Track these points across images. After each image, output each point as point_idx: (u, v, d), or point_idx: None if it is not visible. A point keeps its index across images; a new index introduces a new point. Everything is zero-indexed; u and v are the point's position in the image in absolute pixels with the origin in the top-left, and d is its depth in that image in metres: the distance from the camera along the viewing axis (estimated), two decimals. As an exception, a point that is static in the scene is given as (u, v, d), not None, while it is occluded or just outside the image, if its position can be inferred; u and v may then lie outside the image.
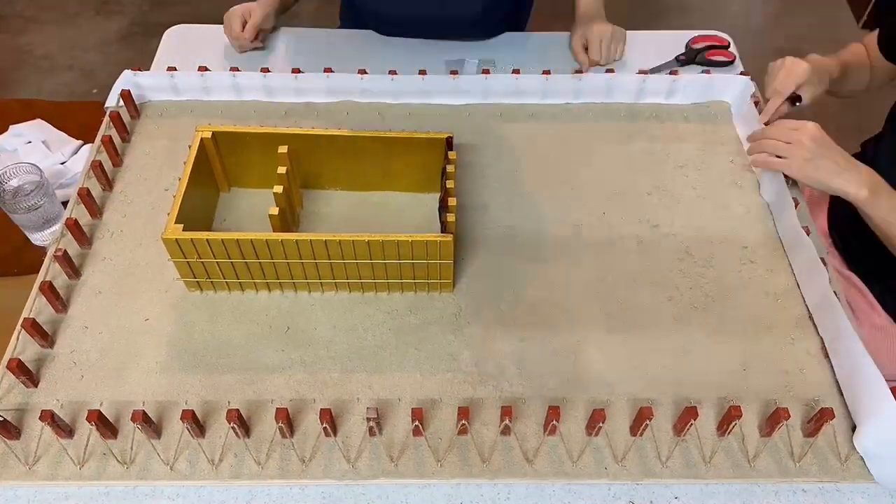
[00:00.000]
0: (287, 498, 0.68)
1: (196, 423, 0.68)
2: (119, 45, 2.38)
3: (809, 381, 0.76)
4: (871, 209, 0.84)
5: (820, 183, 0.86)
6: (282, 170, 0.81)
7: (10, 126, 1.14)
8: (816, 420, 0.70)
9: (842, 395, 0.74)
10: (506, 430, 0.70)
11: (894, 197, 0.84)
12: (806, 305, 0.82)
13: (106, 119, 0.99)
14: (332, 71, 1.01)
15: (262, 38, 1.15)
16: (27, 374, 0.72)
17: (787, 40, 2.25)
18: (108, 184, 0.92)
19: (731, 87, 1.05)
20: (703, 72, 1.07)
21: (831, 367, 0.77)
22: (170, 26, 1.21)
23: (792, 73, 0.94)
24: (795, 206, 0.87)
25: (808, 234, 0.84)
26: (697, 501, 0.68)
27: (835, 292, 0.77)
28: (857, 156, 0.91)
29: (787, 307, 0.82)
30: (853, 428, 0.71)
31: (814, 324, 0.80)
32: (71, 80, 2.24)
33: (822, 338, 0.79)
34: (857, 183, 0.83)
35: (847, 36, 1.05)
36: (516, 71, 1.04)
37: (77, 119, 1.17)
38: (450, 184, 0.79)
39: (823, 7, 2.31)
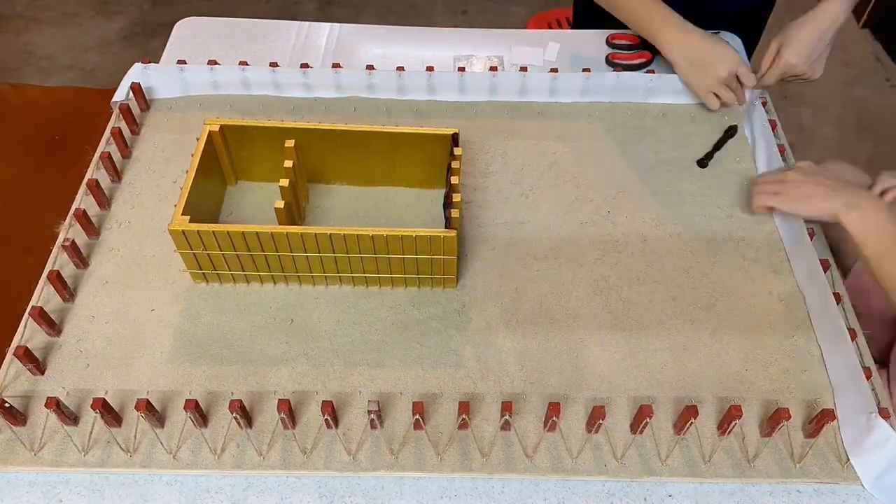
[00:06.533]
0: (283, 487, 0.68)
1: (199, 413, 0.69)
2: (119, 45, 2.39)
3: (811, 382, 0.76)
4: (851, 229, 0.78)
5: (811, 208, 0.83)
6: (288, 164, 0.82)
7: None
8: (817, 421, 0.70)
9: (843, 396, 0.74)
10: (506, 426, 0.70)
11: (886, 223, 0.77)
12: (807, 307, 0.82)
13: (116, 112, 1.00)
14: (340, 66, 1.02)
15: None
16: (34, 362, 0.73)
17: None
18: (116, 175, 0.93)
19: (739, 87, 1.05)
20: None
21: (833, 368, 0.77)
22: (170, 26, 1.21)
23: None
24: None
25: (812, 237, 0.84)
26: (691, 500, 0.68)
27: (837, 294, 0.77)
28: None
29: (791, 308, 0.82)
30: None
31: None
32: (71, 80, 2.26)
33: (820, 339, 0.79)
34: (843, 204, 0.78)
35: (847, 35, 1.05)
36: (524, 69, 1.04)
37: (74, 107, 1.18)
38: (455, 180, 0.79)
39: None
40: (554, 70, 1.04)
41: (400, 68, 1.03)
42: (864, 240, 0.77)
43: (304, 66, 1.02)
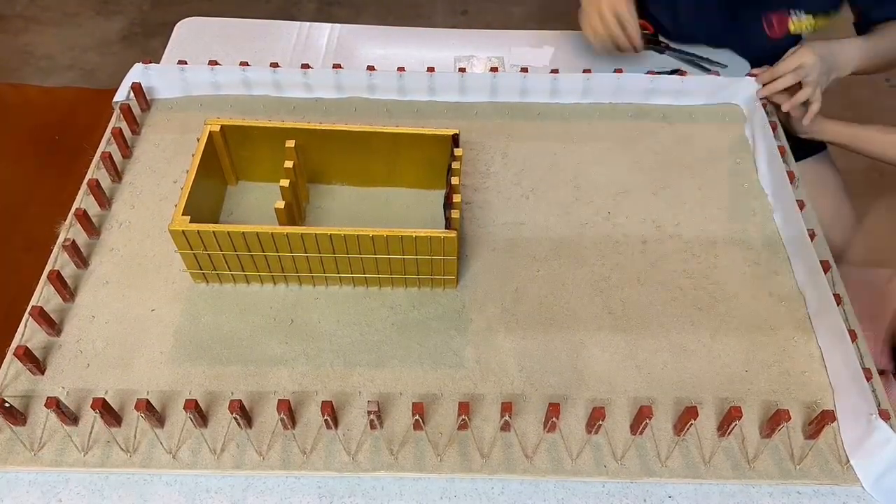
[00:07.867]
0: (283, 487, 0.68)
1: (199, 413, 0.69)
2: (119, 45, 2.39)
3: (811, 384, 0.76)
4: None
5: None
6: (289, 164, 0.82)
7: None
8: (817, 422, 0.70)
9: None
10: (505, 426, 0.70)
11: None
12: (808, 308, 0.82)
13: (116, 112, 1.00)
14: (340, 67, 1.02)
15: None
16: (34, 362, 0.73)
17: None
18: (117, 175, 0.93)
19: (740, 88, 1.05)
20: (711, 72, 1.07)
21: (833, 370, 0.77)
22: (170, 26, 1.21)
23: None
24: (801, 209, 0.87)
25: (812, 238, 0.84)
26: (691, 501, 0.68)
27: (837, 295, 0.77)
28: None
29: (791, 309, 0.82)
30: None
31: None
32: (71, 80, 2.25)
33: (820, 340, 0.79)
34: None
35: (847, 35, 1.06)
36: (524, 69, 1.04)
37: (74, 107, 1.18)
38: (455, 180, 0.79)
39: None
40: (554, 71, 1.04)
41: (400, 69, 1.03)
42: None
43: (305, 66, 1.02)
